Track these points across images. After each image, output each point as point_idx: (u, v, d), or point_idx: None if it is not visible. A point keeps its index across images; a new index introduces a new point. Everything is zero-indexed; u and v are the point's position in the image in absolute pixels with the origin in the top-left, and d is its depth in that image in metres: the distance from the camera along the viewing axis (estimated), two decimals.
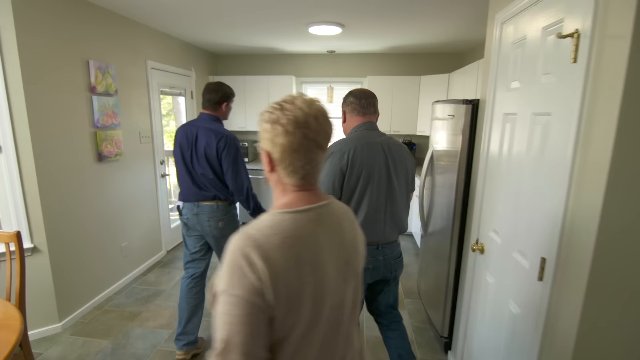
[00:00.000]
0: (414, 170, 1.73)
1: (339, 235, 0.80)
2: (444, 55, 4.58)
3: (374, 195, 1.57)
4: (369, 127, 1.65)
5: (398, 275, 1.76)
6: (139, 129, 3.31)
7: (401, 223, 1.68)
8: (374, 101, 1.68)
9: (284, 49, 4.47)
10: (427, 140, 4.81)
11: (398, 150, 1.63)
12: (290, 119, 0.72)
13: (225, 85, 2.14)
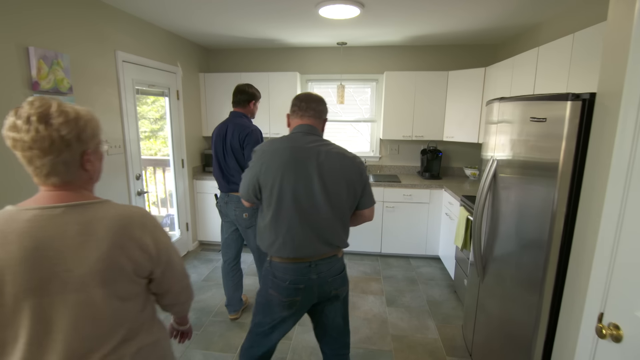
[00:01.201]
0: (361, 181, 1.52)
1: (47, 244, 0.79)
2: (473, 47, 3.90)
3: (296, 206, 1.45)
4: (305, 130, 1.54)
5: (341, 293, 1.60)
6: (106, 136, 2.63)
7: (335, 238, 1.51)
8: (316, 106, 1.55)
9: (287, 40, 3.80)
10: (456, 147, 4.12)
11: (336, 160, 1.48)
12: (6, 124, 0.80)
13: (253, 87, 2.49)
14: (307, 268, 1.50)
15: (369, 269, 3.57)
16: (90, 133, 0.87)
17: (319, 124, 1.58)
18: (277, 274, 1.52)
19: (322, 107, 1.57)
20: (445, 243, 3.50)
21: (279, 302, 1.53)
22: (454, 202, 3.22)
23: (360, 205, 1.56)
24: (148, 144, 4.88)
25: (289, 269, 1.50)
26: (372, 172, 4.26)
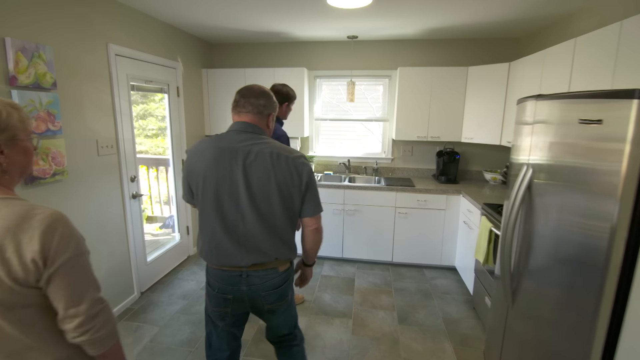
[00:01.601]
0: (299, 184, 1.38)
1: None
2: (495, 41, 3.60)
3: (217, 211, 1.36)
4: (239, 128, 1.40)
5: (277, 309, 1.50)
6: (97, 136, 2.45)
7: (268, 248, 1.39)
8: (255, 100, 1.40)
9: (294, 34, 3.57)
10: (475, 149, 3.83)
11: (267, 160, 1.34)
12: None
13: (288, 87, 2.43)
14: (237, 277, 1.40)
15: (379, 279, 3.32)
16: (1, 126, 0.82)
17: (261, 120, 1.42)
18: (209, 280, 1.49)
19: (264, 101, 1.41)
20: (462, 253, 3.22)
21: (212, 311, 1.50)
22: (473, 210, 2.94)
23: (301, 212, 1.43)
24: (156, 142, 4.70)
25: (218, 276, 1.43)
26: (383, 175, 4.00)
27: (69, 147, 2.21)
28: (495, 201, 2.87)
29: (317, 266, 3.57)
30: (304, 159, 1.39)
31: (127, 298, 2.82)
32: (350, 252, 3.63)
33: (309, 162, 1.41)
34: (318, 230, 1.48)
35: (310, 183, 1.39)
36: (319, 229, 1.48)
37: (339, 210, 3.53)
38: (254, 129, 1.40)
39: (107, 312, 0.91)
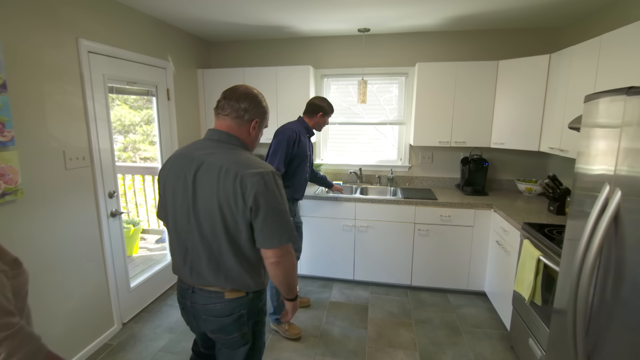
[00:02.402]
0: (243, 208, 1.14)
1: None
2: (530, 31, 3.13)
3: (171, 223, 1.29)
4: (210, 135, 1.28)
5: (221, 342, 1.32)
6: (64, 146, 2.08)
7: (213, 272, 1.22)
8: (235, 102, 1.24)
9: (299, 28, 3.17)
10: (506, 156, 3.35)
11: (214, 174, 1.16)
12: None
13: (324, 100, 2.53)
14: (185, 291, 1.32)
15: (397, 307, 2.87)
16: None
17: (240, 126, 1.26)
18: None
19: (246, 104, 1.24)
20: (494, 278, 2.75)
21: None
22: (509, 230, 2.47)
23: (255, 240, 1.20)
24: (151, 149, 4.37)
25: (177, 283, 1.38)
26: (400, 185, 3.55)
27: (24, 160, 1.84)
28: (536, 219, 2.40)
29: (324, 290, 3.14)
30: (262, 177, 1.14)
31: (106, 331, 2.44)
32: (362, 274, 3.19)
33: (269, 181, 1.16)
34: (280, 264, 1.21)
35: (260, 208, 1.14)
36: (282, 263, 1.21)
37: (350, 226, 3.10)
38: (227, 138, 1.25)
39: (16, 340, 0.76)
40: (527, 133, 2.81)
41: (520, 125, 2.84)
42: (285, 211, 1.19)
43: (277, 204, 1.16)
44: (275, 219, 1.16)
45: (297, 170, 2.47)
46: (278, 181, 1.20)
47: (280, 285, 1.28)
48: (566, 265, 1.41)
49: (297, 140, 2.39)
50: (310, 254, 3.22)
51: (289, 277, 1.27)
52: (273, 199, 1.15)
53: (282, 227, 1.17)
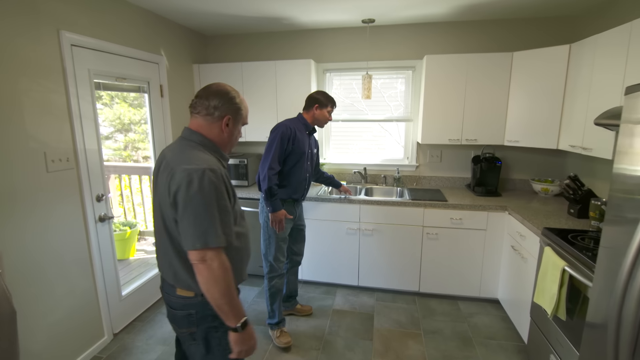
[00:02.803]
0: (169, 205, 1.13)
1: None
2: (546, 21, 2.92)
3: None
4: (182, 134, 1.28)
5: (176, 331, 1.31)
6: (45, 147, 1.93)
7: (167, 268, 1.23)
8: (205, 100, 1.23)
9: (299, 19, 2.99)
10: (519, 154, 3.16)
11: (164, 172, 1.17)
12: None
13: (320, 93, 2.38)
14: (161, 280, 1.33)
15: (404, 316, 2.69)
16: None
17: (212, 123, 1.24)
18: None
19: (216, 101, 1.22)
20: (509, 285, 2.57)
21: None
22: (527, 235, 2.28)
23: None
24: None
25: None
26: (407, 185, 3.37)
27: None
28: (556, 222, 2.21)
29: (327, 297, 2.98)
30: (189, 173, 1.09)
31: (95, 343, 2.30)
32: (367, 279, 3.01)
33: (196, 177, 1.08)
34: (200, 272, 1.09)
35: (179, 204, 1.09)
36: (201, 272, 1.09)
37: (354, 229, 2.92)
38: (189, 135, 1.25)
39: None
40: (544, 130, 2.62)
41: (536, 121, 2.65)
42: (209, 211, 1.09)
43: (198, 202, 1.08)
44: (192, 218, 1.08)
45: (295, 168, 2.31)
46: (211, 178, 1.10)
47: (210, 298, 1.10)
48: (603, 276, 1.23)
49: (292, 137, 2.25)
50: (313, 259, 3.05)
51: (213, 293, 1.09)
52: (194, 195, 1.07)
53: (200, 228, 1.07)
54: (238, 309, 1.14)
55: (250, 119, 3.26)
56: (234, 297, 1.12)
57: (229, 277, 1.10)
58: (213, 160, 1.18)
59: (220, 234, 1.10)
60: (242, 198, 3.08)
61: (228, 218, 1.15)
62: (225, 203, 1.14)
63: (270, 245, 2.35)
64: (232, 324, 1.14)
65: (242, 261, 1.30)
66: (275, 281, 2.39)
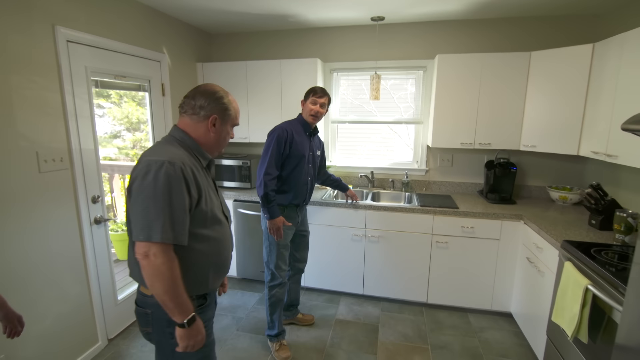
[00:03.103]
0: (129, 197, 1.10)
1: None
2: (565, 19, 2.76)
3: None
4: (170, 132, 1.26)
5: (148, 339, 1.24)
6: (37, 147, 1.86)
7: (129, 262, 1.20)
8: (191, 100, 1.21)
9: (305, 17, 2.88)
10: (536, 159, 3.00)
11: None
12: None
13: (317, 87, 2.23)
14: None
15: (411, 329, 2.56)
16: None
17: (197, 123, 1.21)
18: None
19: (202, 101, 1.19)
20: (523, 298, 2.41)
21: None
22: (545, 247, 2.13)
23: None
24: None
25: None
26: (415, 190, 3.23)
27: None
28: (577, 234, 2.06)
29: (330, 305, 2.86)
30: (148, 164, 1.05)
31: (88, 349, 2.22)
32: (373, 288, 2.89)
33: (153, 169, 1.04)
34: (143, 266, 1.03)
35: (132, 193, 1.06)
36: (144, 266, 1.03)
37: (360, 236, 2.80)
38: (171, 131, 1.23)
39: None
40: (564, 134, 2.46)
41: (556, 125, 2.49)
42: (158, 205, 1.03)
43: (149, 193, 1.03)
44: (140, 209, 1.03)
45: (294, 172, 2.20)
46: (169, 172, 1.05)
47: (154, 292, 1.06)
48: (636, 296, 1.09)
49: (289, 140, 2.15)
50: (316, 265, 2.94)
51: (156, 288, 1.04)
52: (146, 186, 1.03)
53: (145, 220, 1.02)
54: (184, 306, 1.08)
55: (254, 119, 3.17)
56: (179, 295, 1.06)
57: (174, 274, 1.05)
58: (181, 155, 1.12)
59: (168, 230, 1.03)
60: (244, 201, 2.99)
61: (182, 216, 1.07)
62: (182, 200, 1.07)
63: (271, 252, 2.25)
64: (178, 320, 1.09)
65: (208, 267, 1.21)
66: (276, 290, 2.28)
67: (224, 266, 1.29)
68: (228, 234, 1.29)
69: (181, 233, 1.07)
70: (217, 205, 1.25)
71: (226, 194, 3.04)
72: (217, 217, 1.22)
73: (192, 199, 1.11)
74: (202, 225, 1.16)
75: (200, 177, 1.16)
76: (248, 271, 3.16)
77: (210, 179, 1.27)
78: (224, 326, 2.58)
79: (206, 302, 1.25)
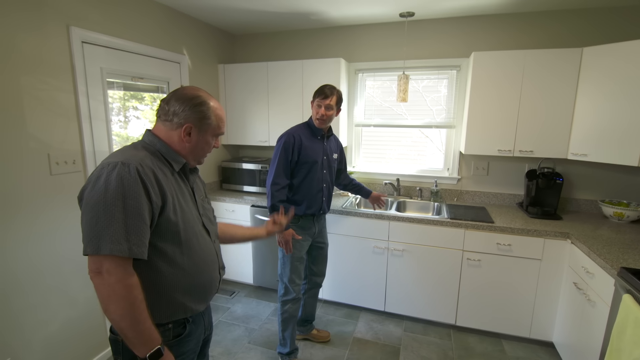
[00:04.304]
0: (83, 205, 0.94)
1: None
2: (623, 10, 2.41)
3: None
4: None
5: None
6: (49, 149, 1.83)
7: None
8: (164, 105, 1.07)
9: (329, 14, 2.73)
10: (586, 170, 2.66)
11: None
12: None
13: (326, 86, 2.06)
14: None
15: (436, 354, 2.32)
16: None
17: (170, 130, 1.06)
18: None
19: (177, 107, 1.04)
20: (567, 327, 2.10)
21: None
22: (597, 273, 1.83)
23: None
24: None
25: None
26: (446, 201, 2.97)
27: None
28: (637, 260, 1.74)
29: (349, 322, 2.67)
30: (100, 169, 0.93)
31: (98, 354, 2.19)
32: (395, 305, 2.67)
33: (104, 173, 0.91)
34: (104, 284, 0.88)
35: (84, 198, 0.92)
36: (95, 285, 0.89)
37: (382, 248, 2.59)
38: (147, 137, 1.09)
39: None
40: (621, 142, 2.13)
41: (611, 131, 2.16)
42: (109, 211, 0.88)
43: (98, 198, 0.88)
44: (89, 217, 0.89)
45: (306, 180, 2.05)
46: (121, 173, 0.90)
47: (108, 316, 0.89)
48: None
49: (297, 146, 2.00)
50: (335, 277, 2.77)
51: (110, 313, 0.88)
52: (97, 191, 0.89)
53: (94, 229, 0.87)
54: (146, 335, 0.91)
55: (274, 121, 3.06)
56: (139, 321, 0.89)
57: (133, 295, 0.89)
58: (141, 157, 0.97)
59: (121, 241, 0.87)
60: (262, 207, 2.88)
61: (138, 224, 0.91)
62: (137, 206, 0.91)
63: (285, 265, 2.11)
64: (139, 353, 0.92)
65: (184, 290, 1.05)
66: (289, 306, 2.13)
67: (206, 289, 1.12)
68: (210, 250, 1.13)
69: (137, 244, 0.90)
70: (193, 216, 1.09)
71: (244, 199, 2.95)
72: (191, 230, 1.06)
73: (153, 205, 0.95)
74: (172, 238, 1.01)
75: (167, 181, 1.01)
76: (265, 279, 3.04)
77: (185, 187, 1.11)
78: (236, 337, 2.47)
79: (185, 331, 1.09)
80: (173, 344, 1.04)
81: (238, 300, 2.96)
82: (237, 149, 3.61)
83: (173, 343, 1.04)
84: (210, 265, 1.13)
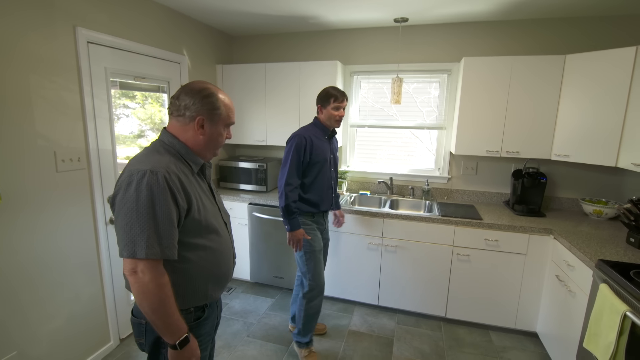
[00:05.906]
0: (115, 212, 1.02)
1: None
2: (602, 20, 2.57)
3: None
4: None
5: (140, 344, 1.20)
6: (55, 146, 1.88)
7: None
8: (175, 100, 1.12)
9: (326, 18, 2.82)
10: (568, 170, 2.81)
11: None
12: None
13: (323, 90, 2.18)
14: None
15: (428, 344, 2.44)
16: None
17: (183, 125, 1.12)
18: None
19: (187, 100, 1.09)
20: (550, 318, 2.25)
21: None
22: (577, 266, 1.97)
23: None
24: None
25: None
26: (436, 199, 3.10)
27: (3, 161, 1.64)
28: (613, 253, 1.89)
29: (344, 315, 2.77)
30: (129, 176, 0.98)
31: (100, 348, 2.23)
32: (388, 299, 2.78)
33: (134, 181, 0.97)
34: (131, 283, 0.98)
35: (116, 205, 1.00)
36: (132, 283, 0.98)
37: (376, 245, 2.70)
38: (165, 137, 1.13)
39: None
40: (600, 144, 2.28)
41: (591, 134, 2.32)
42: (141, 218, 0.96)
43: (131, 206, 0.96)
44: (123, 224, 0.97)
45: (318, 178, 2.15)
46: (150, 182, 0.97)
47: (143, 310, 1.00)
48: None
49: (309, 146, 2.09)
50: (330, 273, 2.86)
51: (144, 307, 0.99)
52: (129, 199, 0.97)
53: (128, 235, 0.96)
54: (175, 326, 1.02)
55: (272, 121, 3.13)
56: (169, 314, 1.00)
57: (163, 292, 0.99)
58: (166, 163, 1.04)
59: (154, 245, 0.96)
60: (259, 204, 2.95)
61: (168, 229, 0.99)
62: (167, 212, 0.99)
63: (308, 260, 2.16)
64: (169, 340, 1.03)
65: (205, 279, 1.15)
66: (315, 302, 2.20)
67: (224, 277, 1.22)
68: (227, 243, 1.23)
69: (168, 247, 0.99)
70: (214, 212, 1.17)
71: (241, 197, 3.01)
72: (212, 226, 1.15)
73: (180, 210, 1.03)
74: (197, 234, 1.10)
75: (190, 184, 1.09)
76: (261, 276, 3.11)
77: (204, 185, 1.20)
78: (235, 331, 2.54)
79: (204, 314, 1.19)
80: (194, 326, 1.14)
81: (236, 296, 3.02)
82: (234, 148, 3.67)
83: (194, 325, 1.14)
84: (227, 257, 1.22)
